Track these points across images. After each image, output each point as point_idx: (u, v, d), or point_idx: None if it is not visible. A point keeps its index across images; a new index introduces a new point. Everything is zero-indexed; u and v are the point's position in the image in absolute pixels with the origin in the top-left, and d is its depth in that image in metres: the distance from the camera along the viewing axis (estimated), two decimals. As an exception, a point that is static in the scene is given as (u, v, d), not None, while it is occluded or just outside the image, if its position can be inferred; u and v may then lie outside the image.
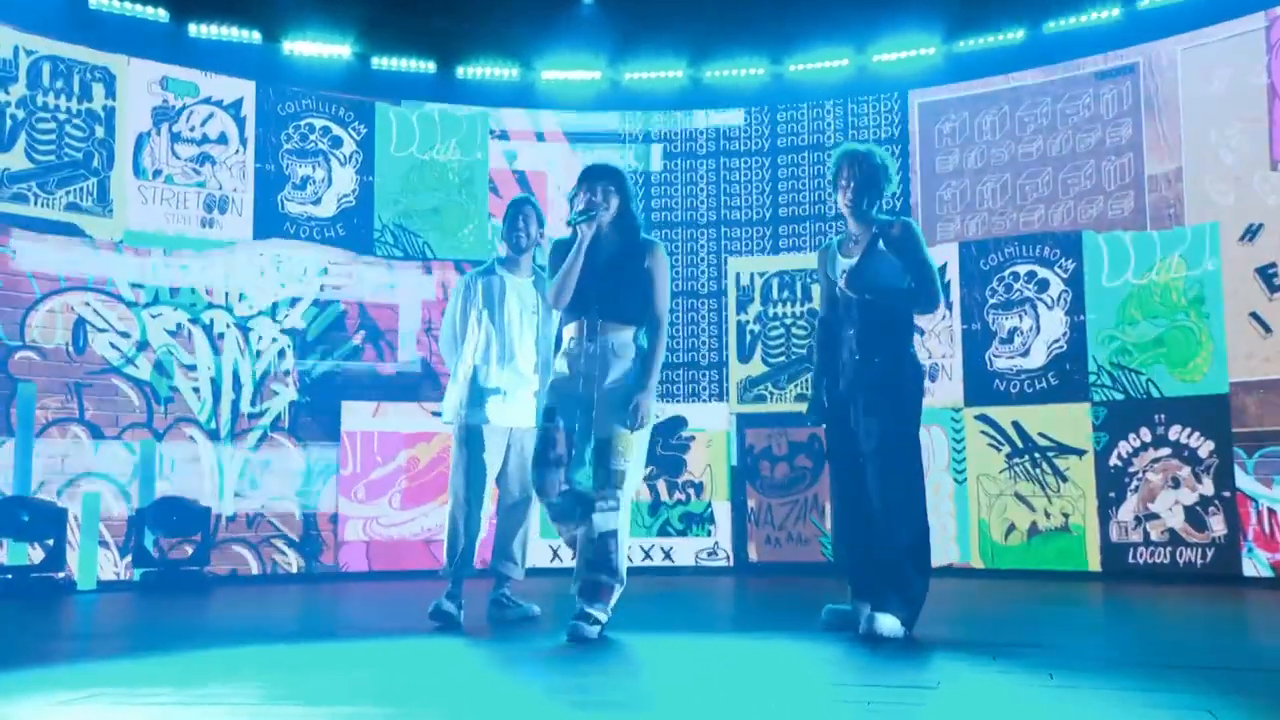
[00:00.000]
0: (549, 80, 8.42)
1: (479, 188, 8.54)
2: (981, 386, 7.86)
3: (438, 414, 7.60)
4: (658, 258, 4.48)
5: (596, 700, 3.21)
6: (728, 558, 8.20)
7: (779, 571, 7.99)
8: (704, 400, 8.38)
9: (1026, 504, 7.67)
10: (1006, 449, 7.75)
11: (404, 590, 6.92)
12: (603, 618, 4.37)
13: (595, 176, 4.50)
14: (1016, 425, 7.73)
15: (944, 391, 7.95)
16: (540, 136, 8.59)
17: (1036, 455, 7.65)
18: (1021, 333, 7.78)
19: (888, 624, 4.26)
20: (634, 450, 4.41)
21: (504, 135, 8.56)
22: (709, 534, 8.24)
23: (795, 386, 8.25)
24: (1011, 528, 7.71)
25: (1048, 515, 7.60)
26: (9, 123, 7.17)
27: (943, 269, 8.04)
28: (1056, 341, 7.67)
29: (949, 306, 7.99)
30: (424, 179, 8.46)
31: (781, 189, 8.51)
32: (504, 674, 3.86)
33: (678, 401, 8.41)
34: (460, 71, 8.27)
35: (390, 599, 6.57)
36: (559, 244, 4.54)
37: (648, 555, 8.24)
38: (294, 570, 7.88)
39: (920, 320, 7.93)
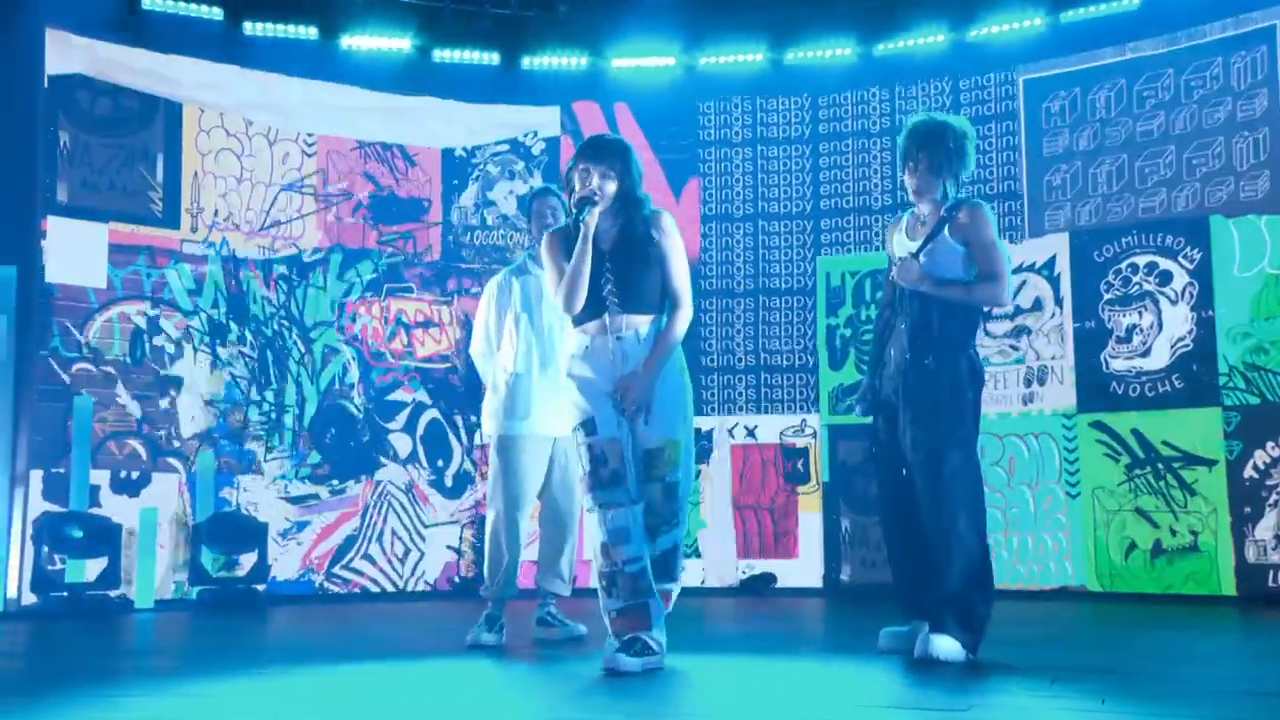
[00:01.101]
0: (620, 68, 8.35)
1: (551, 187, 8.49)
2: (1097, 390, 7.48)
3: (477, 426, 7.61)
4: (667, 230, 4.17)
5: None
6: (818, 579, 7.95)
7: (873, 594, 7.70)
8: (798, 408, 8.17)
9: (1149, 520, 7.26)
10: (1126, 459, 7.36)
11: (473, 610, 6.88)
12: (662, 639, 4.04)
13: (594, 156, 4.18)
14: (1137, 433, 7.33)
15: (1054, 396, 7.59)
16: (614, 129, 8.50)
17: (1160, 466, 7.24)
18: (1141, 330, 7.38)
19: (945, 646, 4.05)
20: (685, 454, 4.17)
21: (575, 130, 8.51)
22: (797, 555, 8.01)
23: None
24: (1132, 547, 7.30)
25: (1173, 533, 7.17)
26: (69, 132, 7.38)
27: (1051, 261, 7.70)
28: (1181, 340, 7.25)
29: (1058, 303, 7.64)
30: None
31: (828, 174, 8.27)
32: (525, 695, 3.76)
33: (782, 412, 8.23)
34: (526, 62, 8.25)
35: (455, 618, 6.54)
36: (554, 235, 4.28)
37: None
38: (358, 590, 7.91)
39: (1026, 319, 7.66)
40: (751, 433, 8.12)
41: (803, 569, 7.97)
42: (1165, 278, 7.38)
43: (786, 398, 8.23)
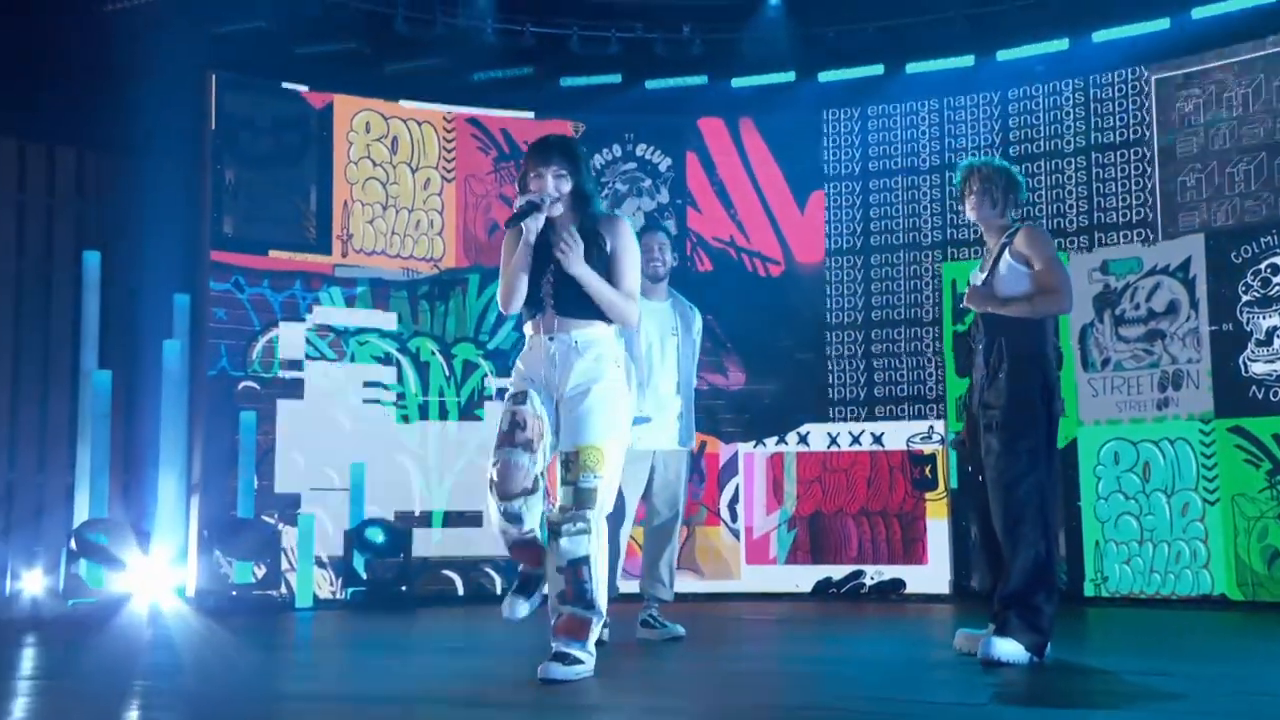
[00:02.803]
0: (743, 84, 8.54)
1: (677, 202, 8.78)
2: (1235, 395, 7.30)
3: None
4: (621, 235, 4.06)
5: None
6: (946, 586, 7.97)
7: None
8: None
9: (1292, 528, 7.05)
10: (1267, 465, 7.17)
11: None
12: (585, 658, 3.99)
13: (544, 159, 4.04)
14: (1279, 439, 7.11)
15: (1190, 401, 7.44)
16: (739, 145, 8.72)
17: (1304, 473, 7.03)
18: (1282, 332, 7.18)
19: (1006, 648, 4.21)
20: (606, 464, 3.99)
21: (701, 146, 8.76)
22: (926, 562, 8.05)
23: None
24: (1276, 555, 7.10)
25: (1318, 541, 6.95)
26: (233, 170, 8.06)
27: (1186, 263, 7.54)
28: (1325, 341, 7.03)
29: (1194, 305, 7.48)
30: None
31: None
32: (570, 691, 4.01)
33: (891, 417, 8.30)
34: (649, 84, 8.53)
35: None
36: (515, 231, 4.11)
37: (857, 579, 8.12)
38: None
39: (1159, 323, 7.52)
40: (878, 439, 8.21)
41: (931, 575, 8.00)
42: (1308, 278, 7.16)
43: (911, 408, 8.31)
